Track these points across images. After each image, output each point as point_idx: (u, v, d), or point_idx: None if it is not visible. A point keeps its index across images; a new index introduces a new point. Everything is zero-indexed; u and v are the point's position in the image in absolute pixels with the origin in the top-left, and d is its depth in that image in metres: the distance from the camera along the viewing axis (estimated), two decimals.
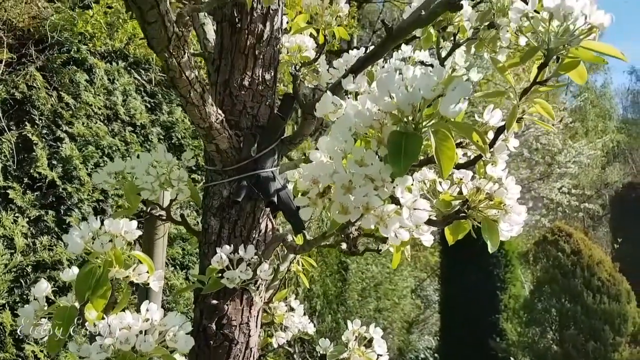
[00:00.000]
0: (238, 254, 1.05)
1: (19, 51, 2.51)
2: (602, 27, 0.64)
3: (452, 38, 1.24)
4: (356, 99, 0.83)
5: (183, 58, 0.92)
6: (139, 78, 3.13)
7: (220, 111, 1.07)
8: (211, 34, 1.29)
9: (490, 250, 0.74)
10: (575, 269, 5.78)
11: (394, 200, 0.62)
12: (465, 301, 6.15)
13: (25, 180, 2.47)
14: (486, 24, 1.15)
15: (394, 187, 0.61)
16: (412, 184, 0.64)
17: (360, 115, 0.65)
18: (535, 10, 0.70)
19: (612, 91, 22.04)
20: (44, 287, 0.88)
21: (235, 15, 1.10)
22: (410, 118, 0.63)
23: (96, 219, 0.86)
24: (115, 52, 2.96)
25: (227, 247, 1.05)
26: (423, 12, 0.95)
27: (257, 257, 1.06)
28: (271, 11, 1.14)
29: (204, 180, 1.22)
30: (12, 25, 2.49)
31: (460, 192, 0.78)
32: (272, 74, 1.18)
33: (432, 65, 1.09)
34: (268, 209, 1.14)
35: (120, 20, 2.72)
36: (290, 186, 1.19)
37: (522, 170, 12.00)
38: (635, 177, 15.45)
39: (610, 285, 5.72)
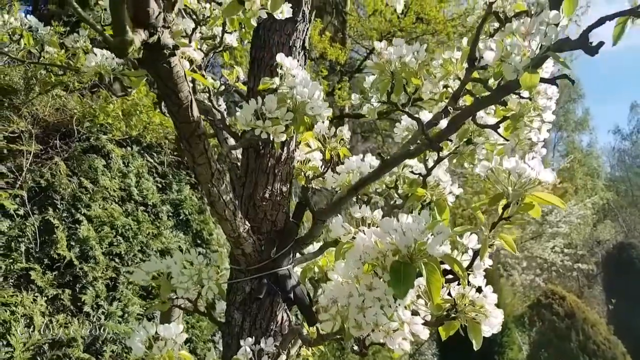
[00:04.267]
0: (259, 345, 1.22)
1: (45, 142, 2.75)
2: (546, 181, 0.86)
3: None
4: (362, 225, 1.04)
5: (222, 187, 1.14)
6: (152, 160, 3.37)
7: (246, 221, 1.27)
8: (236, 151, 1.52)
9: (475, 348, 0.93)
10: (570, 332, 5.86)
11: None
12: None
13: (46, 261, 2.64)
14: (465, 140, 1.40)
15: (397, 306, 0.81)
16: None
17: (368, 249, 0.86)
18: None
19: (598, 150, 22.77)
20: None
21: (259, 143, 1.33)
22: (406, 252, 0.84)
23: (152, 324, 1.04)
24: (131, 138, 3.21)
25: (250, 339, 1.22)
26: (411, 148, 1.18)
27: (275, 348, 1.23)
28: (288, 138, 1.37)
29: (229, 277, 1.40)
30: (39, 118, 2.74)
31: (450, 294, 0.98)
32: (288, 186, 1.40)
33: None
34: (285, 304, 1.32)
35: (137, 111, 2.98)
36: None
37: (514, 230, 12.17)
38: (626, 237, 15.63)
39: (606, 348, 5.78)
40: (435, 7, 9.64)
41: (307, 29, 1.40)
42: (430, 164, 1.41)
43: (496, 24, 1.31)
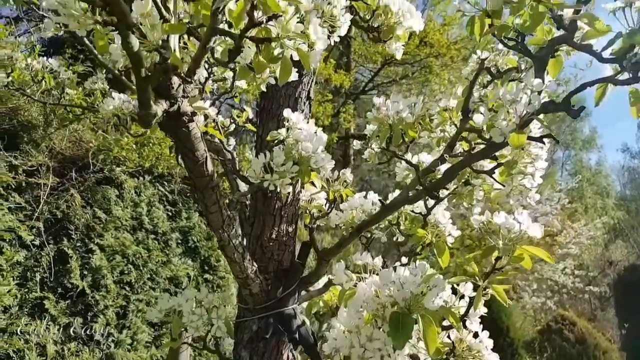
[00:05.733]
0: None
1: (62, 174, 2.85)
2: (535, 237, 0.93)
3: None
4: (364, 274, 1.10)
5: (231, 232, 1.21)
6: (162, 189, 3.47)
7: (254, 262, 1.34)
8: (243, 188, 1.60)
9: None
10: (581, 359, 5.80)
11: None
12: None
13: (59, 290, 2.71)
14: (463, 181, 1.46)
15: (396, 356, 0.87)
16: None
17: (368, 299, 0.92)
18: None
19: (607, 168, 22.67)
20: None
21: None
22: (404, 304, 0.90)
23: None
24: (143, 168, 3.31)
25: None
26: (410, 194, 1.25)
27: None
28: (294, 181, 1.45)
29: (236, 316, 1.46)
30: (56, 152, 2.85)
31: (449, 336, 1.03)
32: (294, 227, 1.47)
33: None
34: (290, 343, 1.38)
35: (150, 143, 3.09)
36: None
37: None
38: (638, 258, 15.43)
39: None
40: (439, 31, 9.81)
41: (312, 80, 1.49)
42: (431, 203, 1.47)
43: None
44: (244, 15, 0.88)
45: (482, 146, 1.16)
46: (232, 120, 1.95)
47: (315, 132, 1.42)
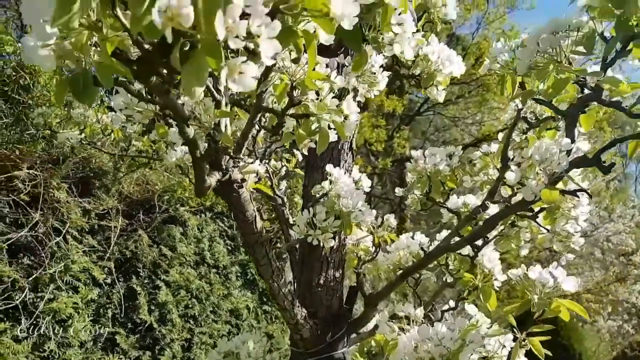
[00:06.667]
0: None
1: (130, 216, 3.08)
2: (569, 292, 0.94)
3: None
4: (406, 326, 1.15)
5: (281, 281, 1.29)
6: (222, 225, 3.64)
7: (303, 308, 1.41)
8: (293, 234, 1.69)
9: None
10: None
11: None
12: None
13: (129, 325, 2.90)
14: (509, 223, 1.48)
15: None
16: None
17: (408, 354, 0.97)
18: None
19: None
20: None
21: None
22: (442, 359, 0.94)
23: None
24: (204, 206, 3.50)
25: None
26: (452, 242, 1.29)
27: None
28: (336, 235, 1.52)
29: (289, 359, 1.53)
30: (125, 195, 3.09)
31: None
32: (341, 272, 1.54)
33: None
34: None
35: None
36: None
37: (596, 272, 11.42)
38: None
39: None
40: None
41: (354, 132, 1.57)
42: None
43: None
44: (285, 94, 0.98)
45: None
46: (282, 164, 2.06)
47: (356, 183, 1.50)
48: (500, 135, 1.39)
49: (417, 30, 1.52)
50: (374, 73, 1.36)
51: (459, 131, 12.05)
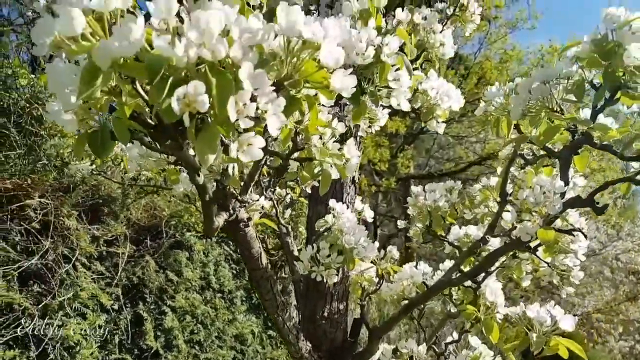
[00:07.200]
0: None
1: (138, 242, 3.12)
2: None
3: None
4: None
5: (285, 315, 1.33)
6: (228, 249, 3.68)
7: (308, 342, 1.44)
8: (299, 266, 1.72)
9: None
10: None
11: None
12: None
13: (135, 351, 2.92)
14: (510, 255, 1.50)
15: None
16: None
17: None
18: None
19: None
20: None
21: None
22: None
23: None
24: None
25: None
26: (454, 277, 1.32)
27: None
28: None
29: None
30: (133, 221, 3.14)
31: None
32: (345, 304, 1.57)
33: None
34: None
35: None
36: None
37: (606, 291, 11.30)
38: None
39: None
40: (497, 68, 9.76)
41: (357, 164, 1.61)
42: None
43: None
44: (289, 139, 1.02)
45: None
46: (287, 192, 2.11)
47: (359, 213, 1.53)
48: (499, 170, 1.44)
49: (416, 68, 1.58)
50: (374, 110, 1.42)
51: (463, 149, 12.10)
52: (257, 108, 0.53)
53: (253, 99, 0.50)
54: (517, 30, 9.89)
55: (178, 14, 0.65)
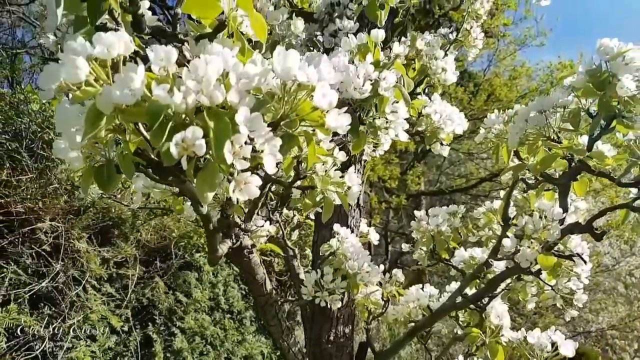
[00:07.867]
0: None
1: (148, 264, 3.16)
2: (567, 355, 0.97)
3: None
4: None
5: (291, 340, 1.34)
6: (236, 269, 3.69)
7: None
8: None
9: None
10: None
11: None
12: None
13: None
14: (515, 277, 1.50)
15: None
16: None
17: None
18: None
19: None
20: None
21: None
22: None
23: None
24: None
25: None
26: (457, 300, 1.32)
27: None
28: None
29: None
30: (142, 243, 3.17)
31: None
32: (350, 327, 1.57)
33: None
34: None
35: None
36: None
37: (621, 307, 11.10)
38: None
39: None
40: (506, 84, 9.78)
41: (361, 190, 1.63)
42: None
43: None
44: (292, 168, 1.05)
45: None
46: (294, 214, 2.13)
47: (364, 236, 1.55)
48: (502, 193, 1.44)
49: (419, 93, 1.61)
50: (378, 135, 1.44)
51: (474, 165, 12.07)
52: (254, 150, 0.56)
53: (250, 138, 0.52)
54: (526, 46, 9.93)
55: (180, 50, 0.68)
